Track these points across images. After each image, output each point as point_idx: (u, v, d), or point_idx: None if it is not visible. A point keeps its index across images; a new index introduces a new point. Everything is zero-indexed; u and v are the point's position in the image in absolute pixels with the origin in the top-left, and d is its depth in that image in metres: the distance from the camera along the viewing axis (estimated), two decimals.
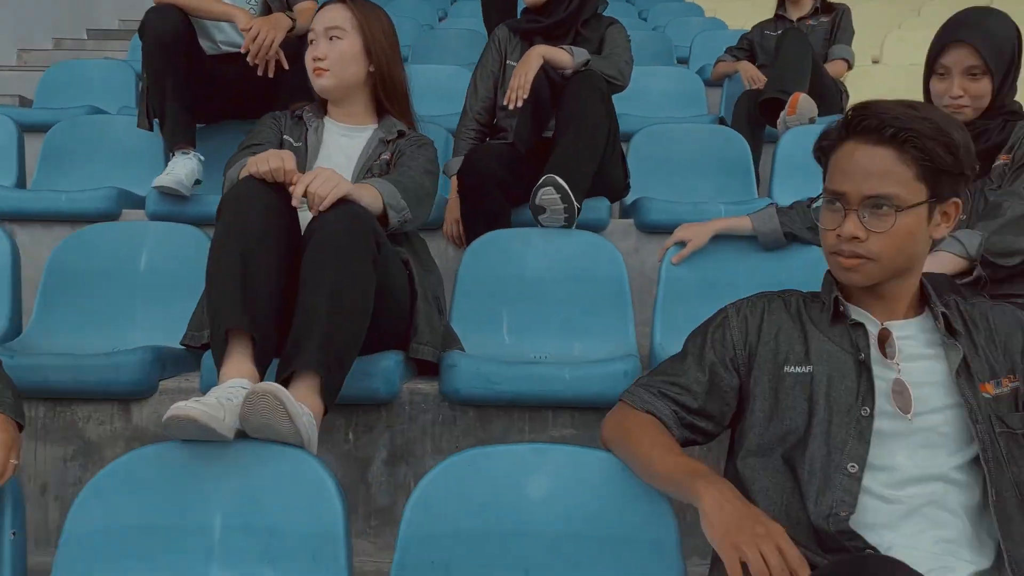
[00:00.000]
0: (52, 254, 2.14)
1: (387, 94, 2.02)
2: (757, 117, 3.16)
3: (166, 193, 2.45)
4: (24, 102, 4.17)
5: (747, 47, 3.76)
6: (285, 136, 1.99)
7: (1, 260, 2.09)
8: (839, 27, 3.58)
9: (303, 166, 1.92)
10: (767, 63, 3.48)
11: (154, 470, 1.27)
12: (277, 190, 1.56)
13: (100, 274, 2.13)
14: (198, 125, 2.66)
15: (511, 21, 2.69)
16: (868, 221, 1.11)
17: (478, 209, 2.29)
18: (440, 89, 3.44)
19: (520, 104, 2.29)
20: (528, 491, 1.22)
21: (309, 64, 1.97)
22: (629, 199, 2.71)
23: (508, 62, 2.59)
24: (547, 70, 2.34)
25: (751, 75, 3.47)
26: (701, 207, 2.50)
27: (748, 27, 3.95)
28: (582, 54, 2.40)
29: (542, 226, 2.20)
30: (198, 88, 2.56)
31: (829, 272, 1.23)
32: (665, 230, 2.31)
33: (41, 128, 2.98)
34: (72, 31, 5.62)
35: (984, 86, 1.80)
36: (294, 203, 1.53)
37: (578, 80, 2.33)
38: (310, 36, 1.99)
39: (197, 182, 2.53)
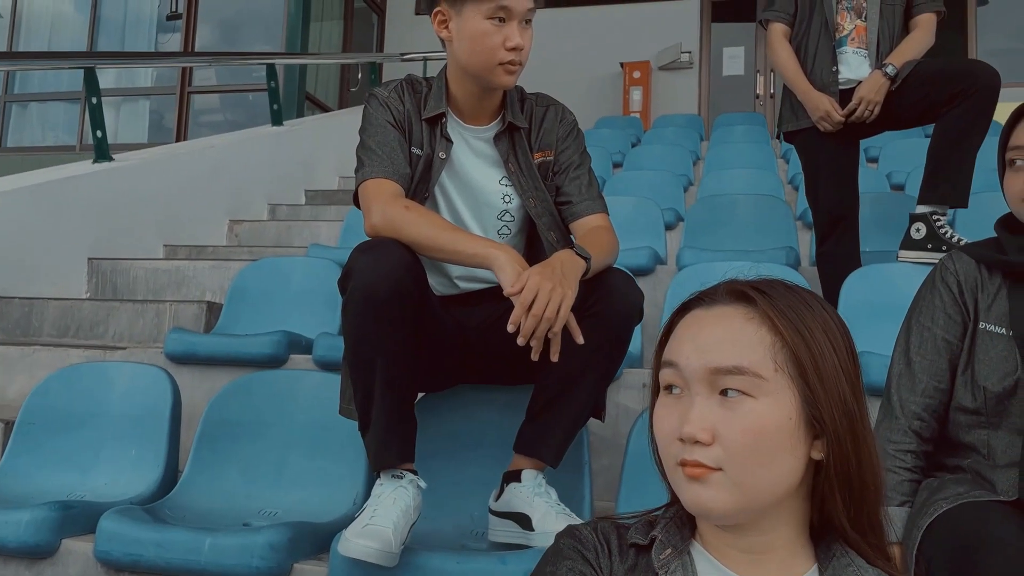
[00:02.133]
0: (209, 404, 1.98)
1: None
2: None
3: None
4: (212, 311, 2.96)
5: None
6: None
7: (159, 408, 2.02)
8: None
9: None
10: None
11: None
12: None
13: (255, 426, 1.93)
14: (418, 395, 1.72)
15: (978, 244, 1.45)
16: None
17: None
18: None
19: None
20: None
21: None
22: None
23: (983, 325, 1.39)
24: None
25: None
26: None
27: None
28: None
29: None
30: (422, 357, 1.57)
31: None
32: None
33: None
34: (288, 196, 5.13)
35: None
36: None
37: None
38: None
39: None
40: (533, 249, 1.73)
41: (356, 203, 1.60)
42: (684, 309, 0.87)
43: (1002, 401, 1.29)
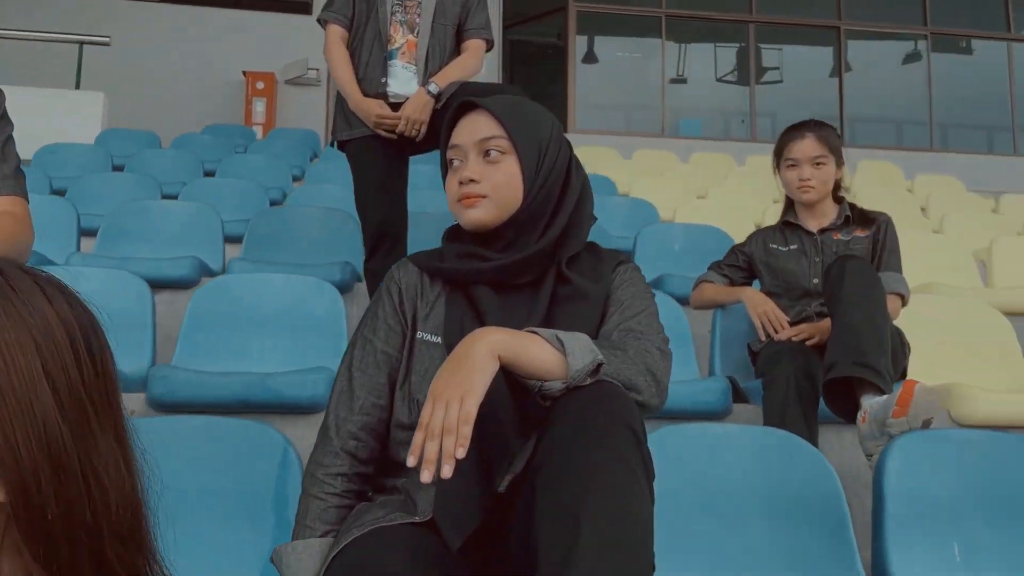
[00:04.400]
0: None
1: None
2: (810, 399, 1.99)
3: None
4: None
5: (744, 265, 2.54)
6: None
7: None
8: (884, 246, 2.40)
9: None
10: (777, 291, 2.43)
11: None
12: None
13: None
14: None
15: (425, 253, 1.37)
16: None
17: None
18: None
19: None
20: None
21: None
22: None
23: (420, 334, 1.28)
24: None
25: (770, 317, 2.27)
26: None
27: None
28: (583, 348, 1.11)
29: None
30: None
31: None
32: None
33: None
34: None
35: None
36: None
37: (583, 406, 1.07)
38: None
39: None
40: None
41: None
42: None
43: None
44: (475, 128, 1.27)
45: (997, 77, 9.61)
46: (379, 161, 2.53)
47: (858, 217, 2.44)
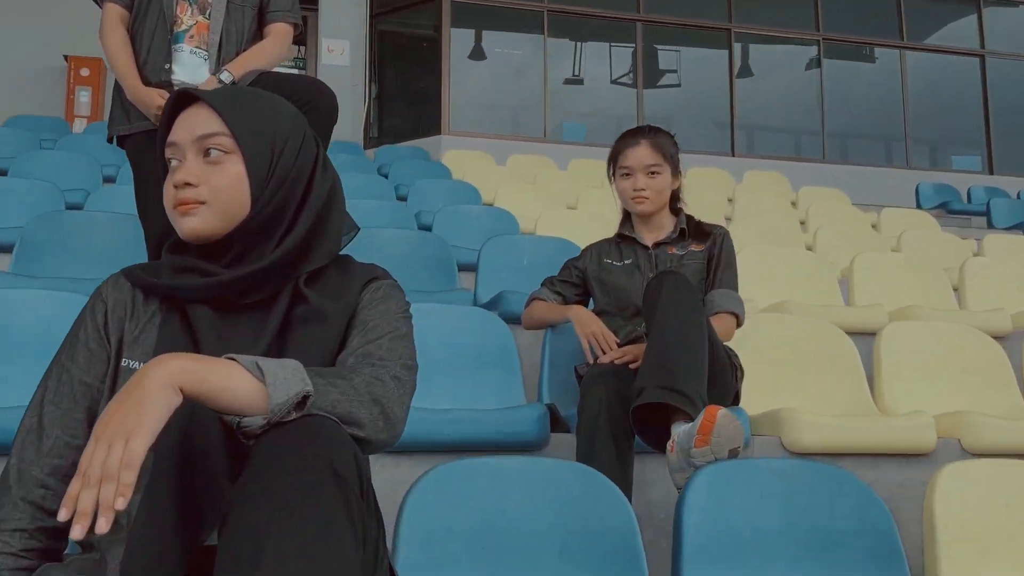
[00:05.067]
0: None
1: None
2: (624, 427, 2.02)
3: None
4: None
5: (578, 281, 2.57)
6: None
7: None
8: (719, 262, 2.44)
9: None
10: (609, 309, 2.46)
11: None
12: None
13: None
14: None
15: (141, 266, 1.31)
16: None
17: None
18: None
19: None
20: None
21: None
22: None
23: (125, 361, 1.22)
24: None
25: (597, 337, 2.29)
26: None
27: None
28: (289, 378, 1.06)
29: None
30: None
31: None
32: None
33: None
34: None
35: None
36: None
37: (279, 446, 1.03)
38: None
39: None
40: None
41: None
42: None
43: None
44: (193, 124, 1.21)
45: (893, 86, 10.18)
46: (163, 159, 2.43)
47: (694, 230, 2.49)
